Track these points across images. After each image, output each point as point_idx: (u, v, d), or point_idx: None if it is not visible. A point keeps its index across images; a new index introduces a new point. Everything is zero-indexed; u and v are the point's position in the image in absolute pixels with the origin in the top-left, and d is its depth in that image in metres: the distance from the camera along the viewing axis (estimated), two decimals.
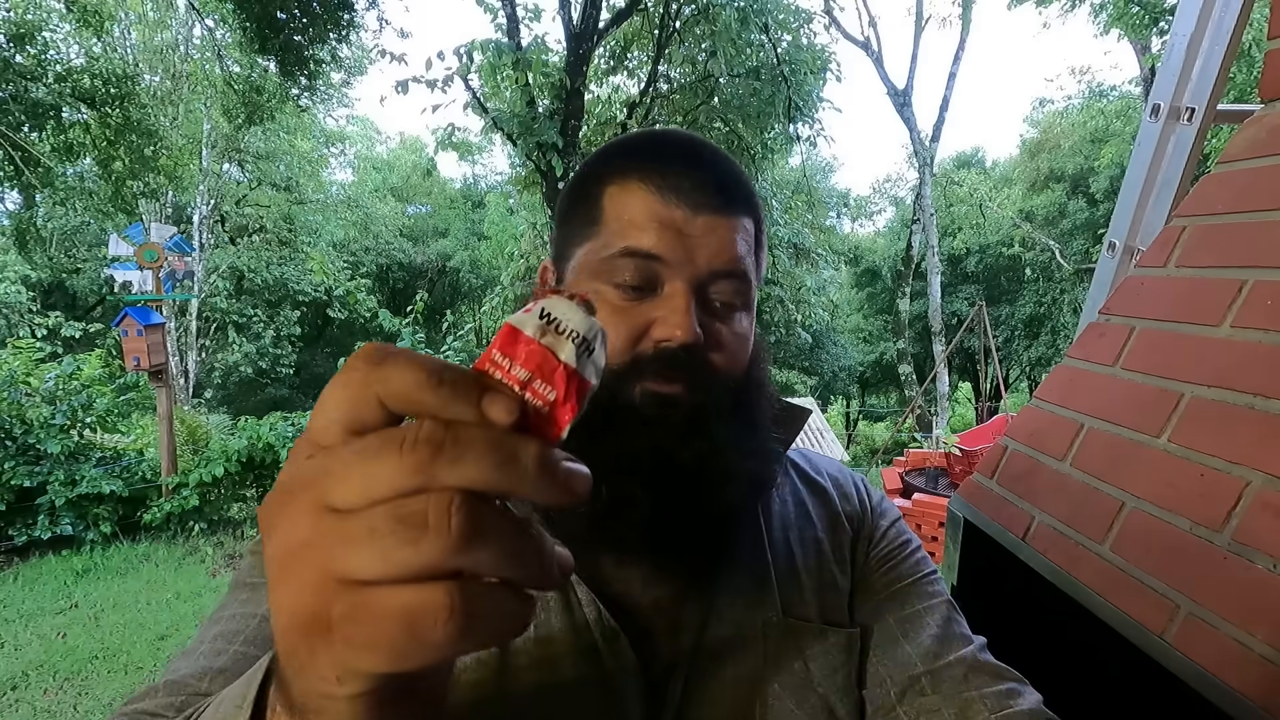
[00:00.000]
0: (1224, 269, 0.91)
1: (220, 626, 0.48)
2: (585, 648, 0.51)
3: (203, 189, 15.06)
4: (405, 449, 0.21)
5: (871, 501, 0.68)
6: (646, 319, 0.51)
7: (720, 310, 0.53)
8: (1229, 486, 0.77)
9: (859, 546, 0.64)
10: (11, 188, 9.17)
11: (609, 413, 0.50)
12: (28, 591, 4.42)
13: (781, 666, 0.55)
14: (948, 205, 19.25)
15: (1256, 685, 0.67)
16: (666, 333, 0.50)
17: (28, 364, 5.94)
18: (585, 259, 0.54)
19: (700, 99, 8.65)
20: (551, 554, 0.24)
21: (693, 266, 0.51)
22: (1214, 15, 1.25)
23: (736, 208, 0.54)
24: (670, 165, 0.53)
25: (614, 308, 0.52)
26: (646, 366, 0.51)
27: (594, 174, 0.56)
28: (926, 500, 5.66)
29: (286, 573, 0.22)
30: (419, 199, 23.36)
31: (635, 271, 0.51)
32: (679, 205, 0.52)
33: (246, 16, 6.53)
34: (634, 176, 0.53)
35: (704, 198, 0.52)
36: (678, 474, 0.50)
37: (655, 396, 0.50)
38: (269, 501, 0.23)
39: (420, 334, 6.48)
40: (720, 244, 0.52)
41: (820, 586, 0.60)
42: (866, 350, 21.77)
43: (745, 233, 0.54)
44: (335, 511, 0.21)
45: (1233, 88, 8.07)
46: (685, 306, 0.50)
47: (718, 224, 0.52)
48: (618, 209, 0.53)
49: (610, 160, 0.56)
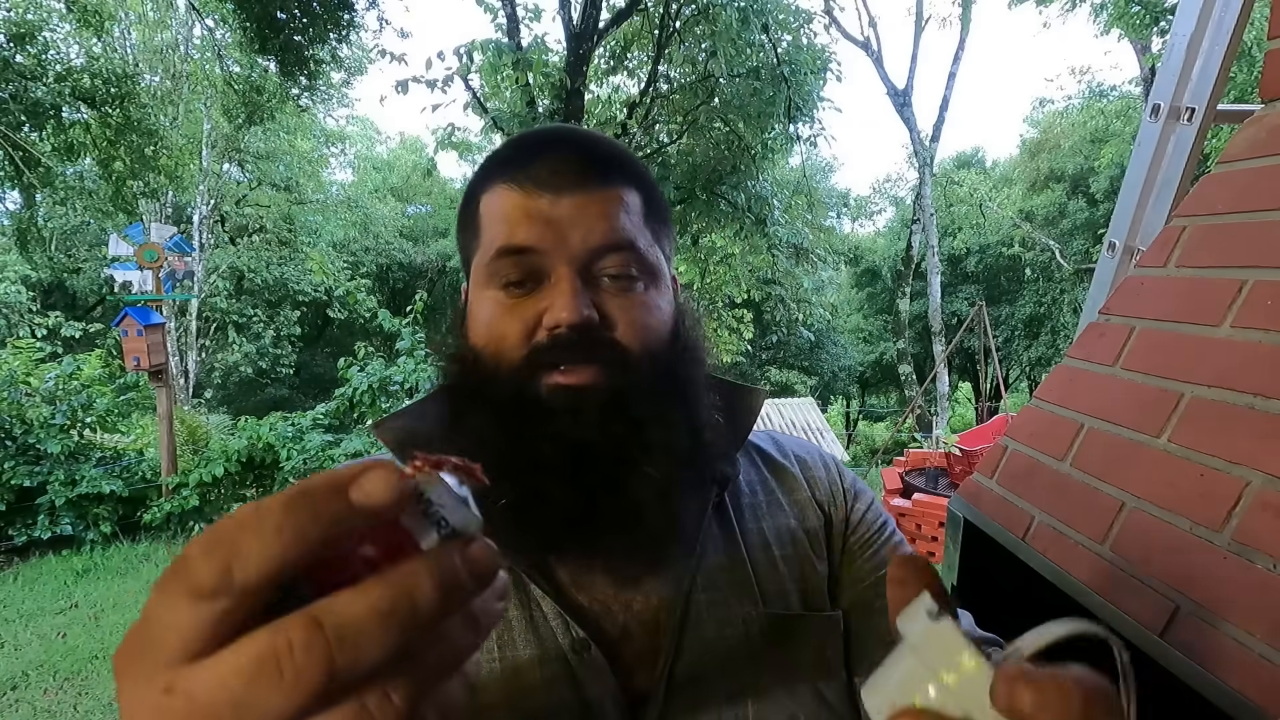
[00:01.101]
0: (1224, 269, 0.91)
1: None
2: (555, 663, 0.50)
3: (203, 189, 15.06)
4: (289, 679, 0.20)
5: (845, 483, 0.66)
6: (537, 311, 0.51)
7: (613, 286, 0.52)
8: (1229, 486, 0.77)
9: (835, 531, 0.63)
10: (12, 188, 9.17)
11: (512, 409, 0.49)
12: (28, 591, 4.42)
13: (768, 660, 0.54)
14: (948, 205, 19.25)
15: (1256, 685, 0.67)
16: (554, 317, 0.49)
17: (28, 364, 5.95)
18: (475, 268, 0.55)
19: (700, 99, 8.65)
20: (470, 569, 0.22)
21: (568, 249, 0.50)
22: (1214, 15, 1.25)
23: (608, 181, 0.53)
24: (527, 157, 0.53)
25: (504, 307, 0.52)
26: (543, 356, 0.50)
27: (471, 188, 0.57)
28: (926, 500, 5.66)
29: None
30: (419, 199, 23.35)
31: (515, 268, 0.51)
32: (540, 193, 0.51)
33: (246, 16, 6.53)
34: (499, 179, 0.54)
35: (565, 179, 0.51)
36: (593, 460, 0.49)
37: (558, 388, 0.50)
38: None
39: (420, 334, 6.48)
40: (593, 220, 0.51)
41: (799, 575, 0.59)
42: (866, 350, 21.77)
43: (623, 203, 0.53)
44: None
45: (1233, 88, 8.06)
46: (569, 289, 0.49)
47: (586, 201, 0.51)
48: (489, 212, 0.54)
49: (482, 171, 0.57)
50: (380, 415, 6.17)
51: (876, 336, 21.54)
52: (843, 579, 0.61)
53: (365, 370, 6.15)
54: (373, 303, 7.02)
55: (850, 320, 22.58)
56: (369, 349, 6.49)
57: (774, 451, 0.67)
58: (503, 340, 0.51)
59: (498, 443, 0.49)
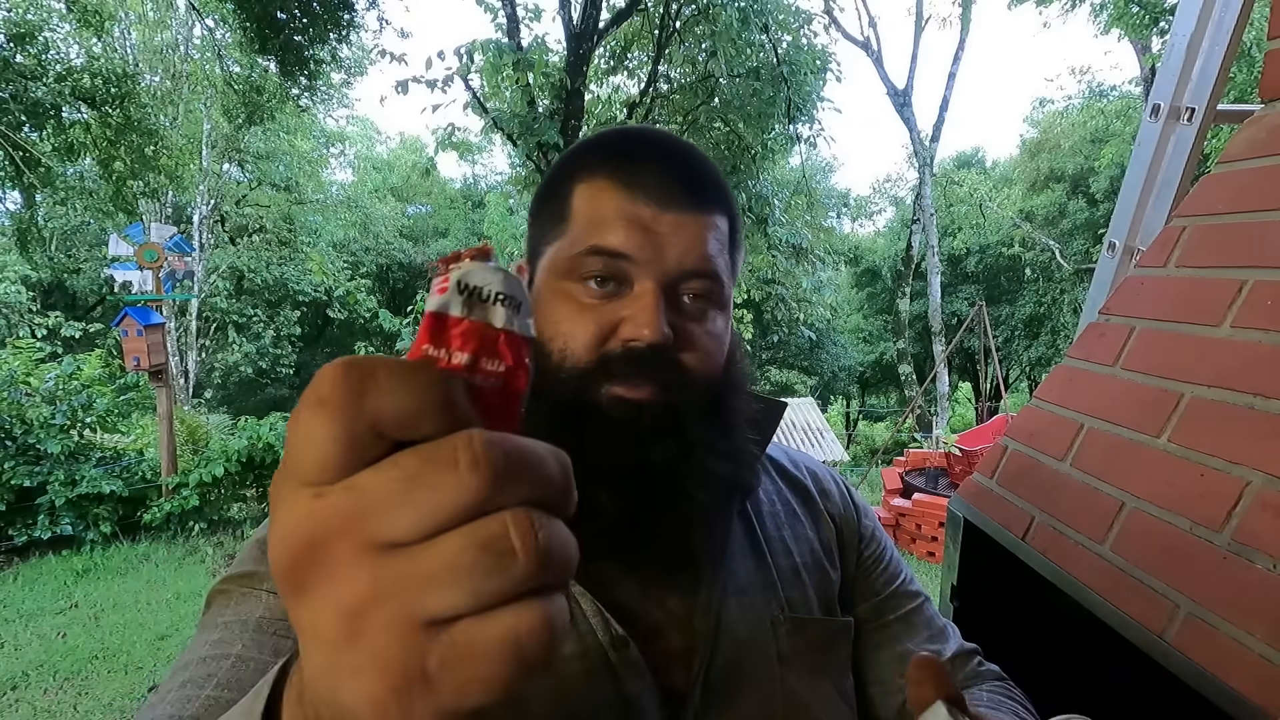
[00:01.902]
0: (1224, 269, 0.91)
1: (190, 672, 0.45)
2: (595, 658, 0.51)
3: (203, 189, 15.06)
4: (465, 470, 0.19)
5: (854, 499, 0.71)
6: (614, 318, 0.50)
7: (691, 309, 0.53)
8: (1229, 486, 0.77)
9: (847, 543, 0.67)
10: (12, 188, 9.17)
11: (574, 416, 0.49)
12: (28, 591, 4.42)
13: (794, 662, 0.56)
14: (948, 205, 19.24)
15: (1256, 685, 0.67)
16: (634, 332, 0.49)
17: (28, 364, 5.95)
18: (554, 256, 0.53)
19: (700, 99, 8.65)
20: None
21: (661, 265, 0.50)
22: (1214, 15, 1.25)
23: (707, 205, 0.53)
24: (638, 161, 0.52)
25: (581, 306, 0.51)
26: (613, 366, 0.50)
27: (564, 172, 0.55)
28: (926, 500, 5.67)
29: (359, 633, 0.19)
30: (419, 199, 23.35)
31: (603, 269, 0.50)
32: (646, 202, 0.51)
33: (246, 16, 6.53)
34: (601, 173, 0.53)
35: (672, 194, 0.51)
36: (646, 477, 0.49)
37: (619, 400, 0.50)
38: (291, 559, 0.20)
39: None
40: (690, 242, 0.51)
41: (817, 581, 0.62)
42: (866, 350, 21.77)
43: (717, 230, 0.53)
44: (394, 551, 0.19)
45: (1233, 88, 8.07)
46: (653, 305, 0.49)
47: (687, 221, 0.51)
48: (585, 206, 0.52)
49: (580, 158, 0.55)
50: None
51: (876, 336, 21.54)
52: (857, 590, 0.67)
53: None
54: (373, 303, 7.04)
55: (850, 320, 22.58)
56: (369, 349, 6.49)
57: (787, 464, 0.70)
58: (573, 339, 0.51)
59: (548, 441, 0.49)
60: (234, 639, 0.46)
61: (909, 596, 0.68)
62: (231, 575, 0.51)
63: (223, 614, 0.49)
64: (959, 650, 0.69)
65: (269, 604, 0.48)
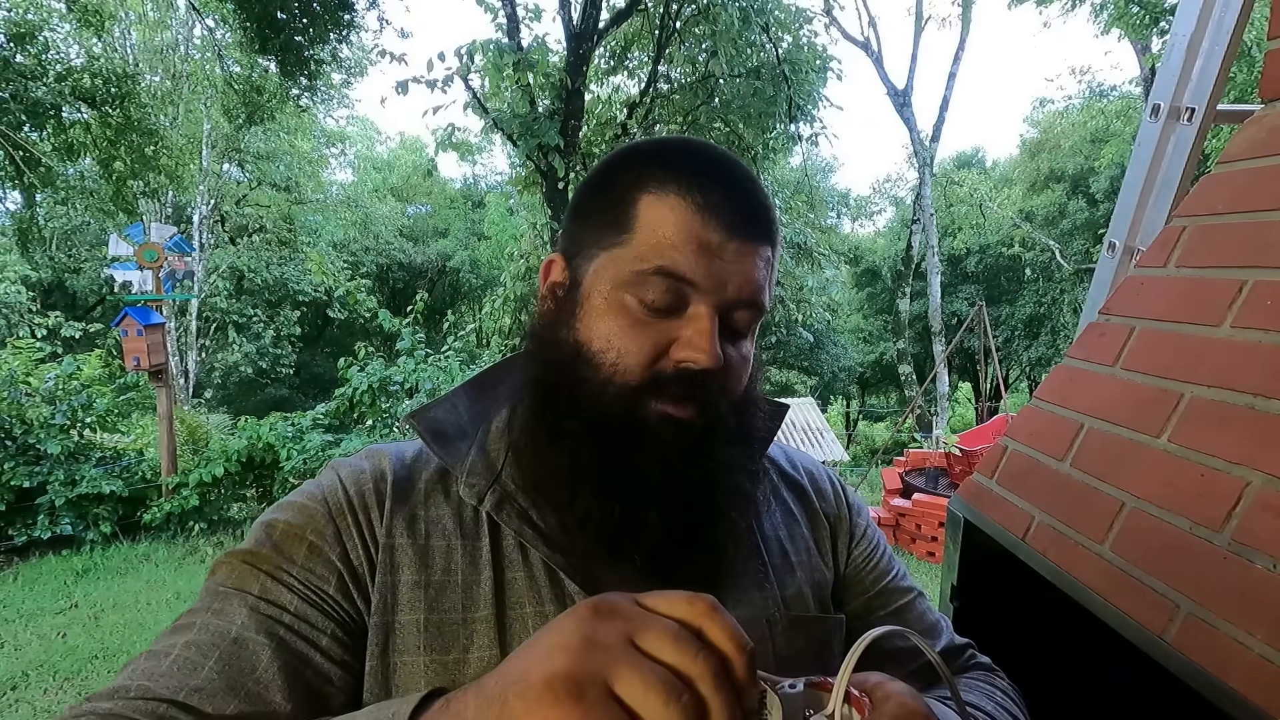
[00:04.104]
0: (1224, 269, 0.91)
1: (192, 635, 0.47)
2: None
3: (203, 189, 15.07)
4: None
5: (848, 498, 0.72)
6: (669, 337, 0.51)
7: (734, 335, 0.55)
8: (1229, 486, 0.77)
9: (840, 542, 0.68)
10: (12, 188, 9.18)
11: (621, 430, 0.51)
12: (28, 591, 4.42)
13: (789, 660, 0.57)
14: (948, 205, 19.24)
15: (1256, 685, 0.67)
16: (690, 356, 0.50)
17: (28, 364, 5.95)
18: (613, 267, 0.52)
19: (701, 99, 8.65)
20: None
21: (721, 293, 0.51)
22: (1214, 15, 1.25)
23: (765, 235, 0.54)
24: (710, 184, 0.52)
25: (635, 320, 0.52)
26: (665, 386, 0.51)
27: (628, 177, 0.54)
28: (926, 500, 5.67)
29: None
30: (419, 199, 23.35)
31: (666, 291, 0.51)
32: (717, 228, 0.51)
33: (247, 16, 6.54)
34: (672, 189, 0.52)
35: (739, 223, 0.52)
36: (686, 495, 0.51)
37: (667, 419, 0.51)
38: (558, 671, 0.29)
39: (420, 334, 6.48)
40: (748, 273, 0.52)
41: (812, 580, 0.64)
42: (866, 350, 21.77)
43: (768, 262, 0.55)
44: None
45: (1233, 88, 8.06)
46: (711, 331, 0.50)
47: (748, 251, 0.52)
48: (654, 221, 0.52)
49: (645, 165, 0.54)
50: (380, 415, 6.18)
51: (876, 336, 21.54)
52: (849, 586, 0.68)
53: (365, 370, 6.15)
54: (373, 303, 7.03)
55: (850, 320, 22.58)
56: (369, 349, 6.49)
57: (785, 464, 0.71)
58: (626, 354, 0.51)
59: (592, 453, 0.52)
60: (234, 613, 0.48)
61: (900, 592, 0.69)
62: (237, 550, 0.52)
63: (224, 584, 0.51)
64: (949, 644, 0.69)
65: (264, 586, 0.50)
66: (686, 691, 0.29)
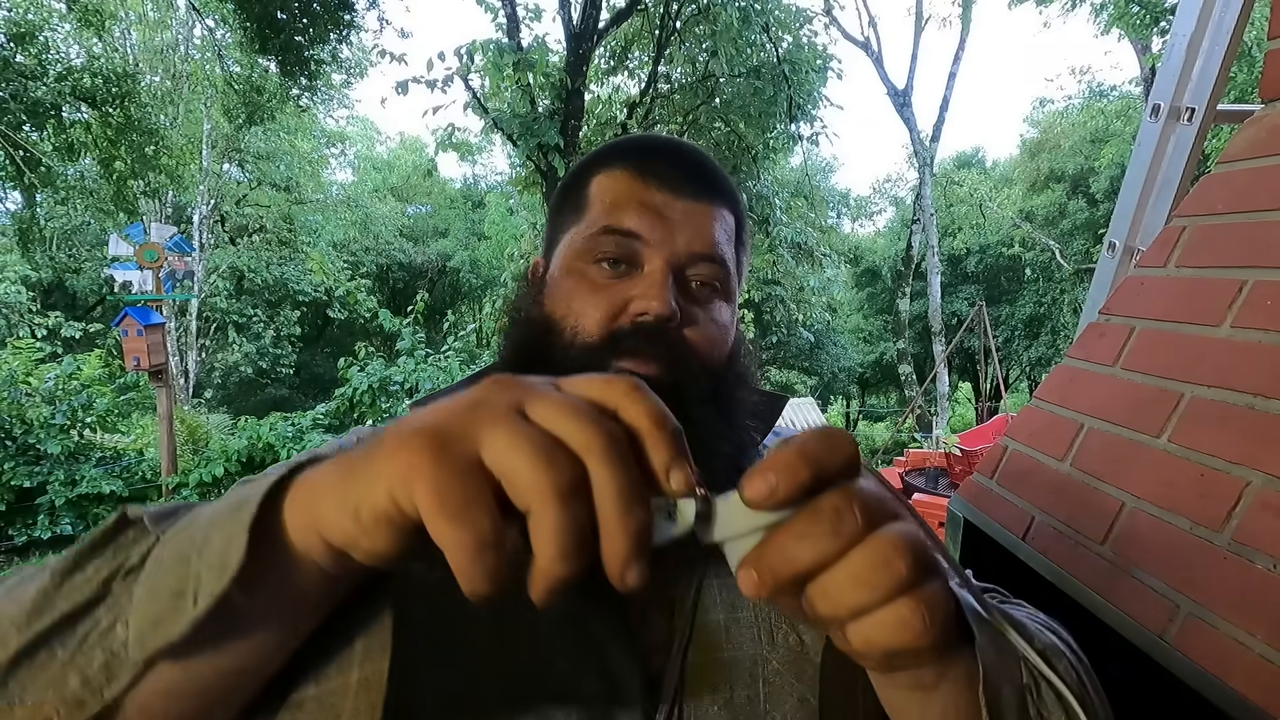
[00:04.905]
0: (1224, 269, 0.91)
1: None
2: (578, 629, 0.51)
3: (203, 189, 15.06)
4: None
5: None
6: (625, 296, 0.53)
7: (699, 294, 0.55)
8: (1229, 486, 0.77)
9: None
10: (12, 188, 9.18)
11: None
12: None
13: (777, 643, 0.56)
14: (948, 205, 19.24)
15: (1256, 685, 0.67)
16: (643, 306, 0.51)
17: (28, 364, 5.95)
18: (571, 240, 0.56)
19: (701, 99, 8.65)
20: None
21: (671, 246, 0.53)
22: (1214, 15, 1.25)
23: (717, 198, 0.57)
24: (652, 154, 0.56)
25: (594, 285, 0.54)
26: (623, 342, 0.52)
27: (584, 169, 0.59)
28: (926, 500, 5.66)
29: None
30: (419, 199, 23.34)
31: (615, 248, 0.53)
32: (660, 190, 0.54)
33: (247, 16, 6.54)
34: (618, 164, 0.57)
35: (683, 184, 0.55)
36: None
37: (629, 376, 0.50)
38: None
39: (420, 334, 6.48)
40: (699, 228, 0.54)
41: None
42: (866, 350, 21.76)
43: (724, 222, 0.57)
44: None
45: (1233, 88, 8.06)
46: (662, 281, 0.52)
47: (697, 209, 0.55)
48: (602, 193, 0.56)
49: (599, 155, 0.59)
50: (380, 415, 6.18)
51: (876, 336, 21.53)
52: None
53: (365, 370, 6.16)
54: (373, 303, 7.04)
55: (850, 320, 22.58)
56: (369, 349, 6.49)
57: None
58: (584, 316, 0.53)
59: None
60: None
61: None
62: None
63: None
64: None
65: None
66: (568, 460, 0.26)
